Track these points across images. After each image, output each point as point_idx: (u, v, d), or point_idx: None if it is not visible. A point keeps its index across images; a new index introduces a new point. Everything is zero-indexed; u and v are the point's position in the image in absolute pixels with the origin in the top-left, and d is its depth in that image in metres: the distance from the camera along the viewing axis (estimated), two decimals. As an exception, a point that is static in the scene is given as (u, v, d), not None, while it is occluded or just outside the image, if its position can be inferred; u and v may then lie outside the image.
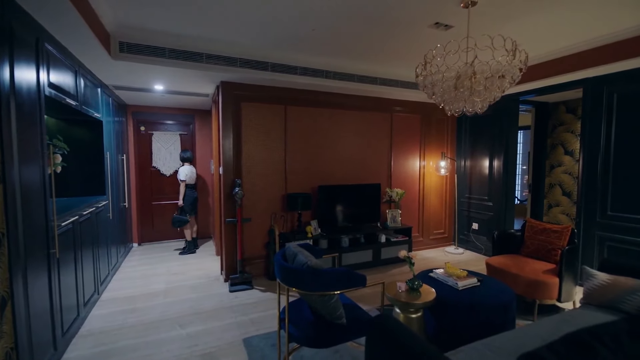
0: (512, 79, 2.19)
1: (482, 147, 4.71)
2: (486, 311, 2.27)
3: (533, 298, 2.81)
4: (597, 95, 3.38)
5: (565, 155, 4.97)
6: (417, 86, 4.18)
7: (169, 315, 2.87)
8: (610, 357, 0.89)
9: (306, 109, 4.04)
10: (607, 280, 2.12)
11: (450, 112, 2.46)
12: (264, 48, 3.25)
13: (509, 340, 1.74)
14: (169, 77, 3.44)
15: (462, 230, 5.04)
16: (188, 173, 4.65)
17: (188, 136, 5.52)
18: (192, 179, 4.77)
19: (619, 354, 0.90)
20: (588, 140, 3.48)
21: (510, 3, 2.33)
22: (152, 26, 2.73)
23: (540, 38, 3.01)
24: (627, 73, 3.12)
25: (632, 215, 3.14)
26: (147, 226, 5.34)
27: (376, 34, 2.90)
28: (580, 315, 1.98)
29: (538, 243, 3.16)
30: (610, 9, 2.45)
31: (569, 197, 4.96)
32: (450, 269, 2.65)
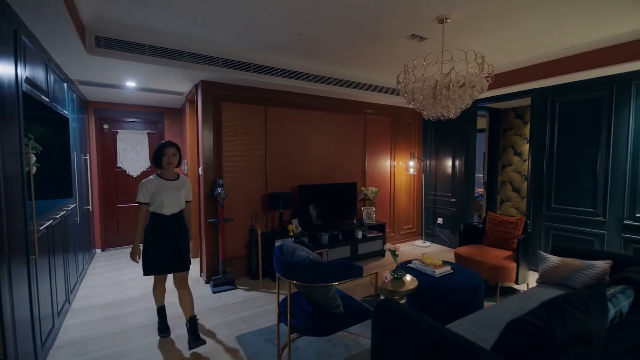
0: (481, 88, 2.49)
1: (445, 148, 5.14)
2: (461, 294, 2.55)
3: (495, 281, 3.18)
4: (543, 104, 3.89)
5: (515, 155, 5.60)
6: (388, 90, 4.48)
7: (153, 320, 2.79)
8: (580, 315, 1.13)
9: (286, 110, 4.12)
10: (558, 262, 2.51)
11: (428, 116, 2.71)
12: (247, 49, 3.27)
13: (485, 317, 2.01)
14: (145, 74, 3.32)
15: (428, 225, 5.44)
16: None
17: (157, 135, 5.30)
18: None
19: (587, 312, 1.14)
20: (535, 142, 3.99)
21: (478, 21, 2.64)
22: (131, 21, 2.64)
23: (501, 52, 3.40)
24: (567, 85, 3.65)
25: (571, 207, 3.68)
26: (112, 230, 5.02)
27: (356, 42, 3.08)
28: (539, 292, 2.32)
29: (497, 233, 3.57)
30: (556, 30, 2.87)
31: (518, 192, 5.59)
32: (427, 259, 2.92)
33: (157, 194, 2.36)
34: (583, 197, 3.58)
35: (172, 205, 2.43)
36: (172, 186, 2.44)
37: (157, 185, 2.37)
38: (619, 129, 3.29)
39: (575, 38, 3.04)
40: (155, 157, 2.44)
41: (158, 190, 2.36)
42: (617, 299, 1.40)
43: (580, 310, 1.15)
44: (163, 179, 2.42)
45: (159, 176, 2.43)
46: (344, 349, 2.36)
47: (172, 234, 2.44)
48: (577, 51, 3.25)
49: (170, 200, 2.40)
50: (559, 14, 2.53)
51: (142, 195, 2.36)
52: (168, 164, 2.43)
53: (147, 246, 2.41)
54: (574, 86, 3.59)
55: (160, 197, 2.36)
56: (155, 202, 2.36)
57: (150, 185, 2.36)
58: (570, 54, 3.30)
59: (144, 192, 2.36)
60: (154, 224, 2.40)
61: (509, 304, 2.21)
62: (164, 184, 2.40)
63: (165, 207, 2.39)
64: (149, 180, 2.39)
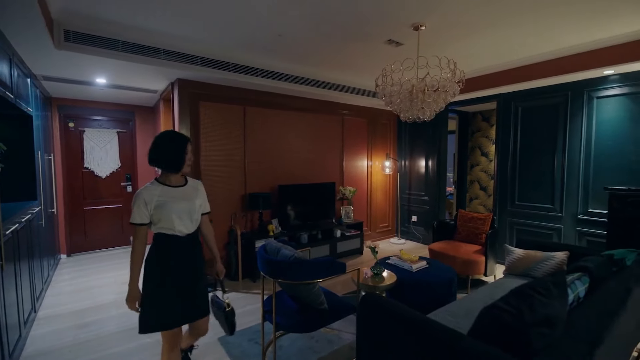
0: (453, 93, 2.65)
1: (419, 149, 5.37)
2: (436, 287, 2.70)
3: (467, 274, 3.38)
4: (507, 108, 4.18)
5: (482, 156, 5.94)
6: (365, 92, 4.60)
7: (129, 325, 2.70)
8: (545, 300, 1.26)
9: (265, 110, 4.12)
10: (522, 254, 2.72)
11: (405, 118, 2.84)
12: (227, 48, 3.24)
13: (460, 307, 2.15)
14: (118, 71, 3.19)
15: (403, 223, 5.65)
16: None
17: (127, 135, 5.08)
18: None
19: (550, 297, 1.28)
20: (501, 144, 4.27)
21: (449, 29, 2.80)
22: (104, 16, 2.53)
23: (471, 58, 3.61)
24: (528, 91, 3.94)
25: (532, 204, 3.99)
26: (78, 234, 4.76)
27: (335, 45, 3.15)
28: (506, 283, 2.51)
29: (468, 229, 3.80)
30: (515, 41, 3.10)
31: (485, 191, 5.94)
32: (404, 255, 3.05)
33: (163, 207, 1.62)
34: (543, 195, 3.89)
35: (186, 221, 1.69)
36: (182, 194, 1.71)
37: (160, 195, 1.64)
38: (573, 132, 3.61)
39: (532, 49, 3.30)
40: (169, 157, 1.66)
41: (163, 202, 1.63)
42: (575, 285, 1.56)
43: (545, 295, 1.28)
44: (167, 186, 1.69)
45: (161, 182, 1.68)
46: (327, 345, 2.42)
47: (189, 264, 1.71)
48: (535, 60, 3.53)
49: (183, 214, 1.68)
50: (516, 27, 2.74)
51: (140, 213, 1.59)
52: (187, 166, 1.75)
53: (153, 286, 1.63)
54: (534, 92, 3.89)
55: (167, 212, 1.62)
56: (162, 219, 1.62)
57: (150, 196, 1.61)
58: (529, 62, 3.58)
59: (142, 208, 1.59)
60: (161, 252, 1.65)
61: (479, 294, 2.38)
62: (171, 193, 1.68)
63: (178, 225, 1.66)
64: (147, 190, 1.63)
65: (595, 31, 2.84)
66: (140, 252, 1.63)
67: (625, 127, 3.26)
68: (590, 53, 3.15)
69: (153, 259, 1.66)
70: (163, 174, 1.72)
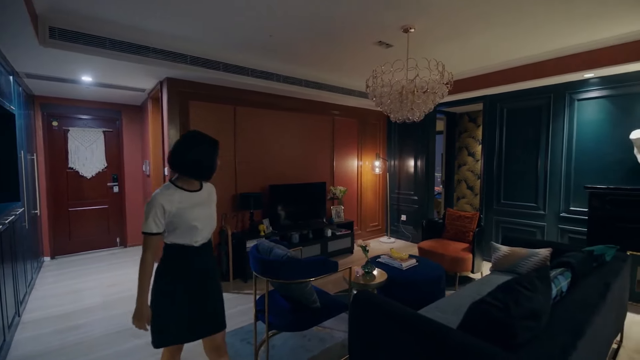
0: (442, 94, 2.71)
1: (408, 149, 5.45)
2: (425, 284, 2.76)
3: (455, 271, 3.46)
4: (493, 109, 4.29)
5: (469, 156, 6.08)
6: (355, 93, 4.65)
7: (117, 327, 2.66)
8: (530, 294, 1.32)
9: (256, 110, 4.11)
10: (508, 251, 2.80)
11: (395, 119, 2.89)
12: (217, 47, 3.23)
13: (449, 303, 2.20)
14: (104, 69, 3.13)
15: (393, 222, 5.72)
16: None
17: (114, 134, 4.98)
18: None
19: (535, 292, 1.33)
20: (487, 144, 4.38)
21: (437, 32, 2.86)
22: (91, 13, 2.48)
23: (458, 60, 3.69)
24: (513, 93, 4.06)
25: (517, 202, 4.10)
26: (63, 236, 4.64)
27: (326, 45, 3.18)
28: (493, 279, 2.59)
29: (456, 228, 3.88)
30: (498, 45, 3.19)
31: (472, 190, 6.08)
32: (394, 254, 3.10)
33: (183, 215, 1.48)
34: (527, 194, 4.01)
35: (207, 229, 1.58)
36: (199, 200, 1.57)
37: (180, 201, 1.49)
38: (556, 133, 3.74)
39: (516, 52, 3.41)
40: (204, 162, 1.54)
41: (183, 209, 1.48)
42: (558, 280, 1.63)
43: (530, 290, 1.34)
44: (186, 191, 1.53)
45: (177, 186, 1.52)
46: (319, 343, 2.44)
47: (206, 275, 1.59)
48: (519, 64, 3.64)
49: (204, 222, 1.55)
50: (501, 32, 2.82)
51: (156, 222, 1.43)
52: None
53: (166, 301, 1.49)
54: (519, 94, 4.01)
55: (186, 220, 1.48)
56: (180, 228, 1.48)
57: (169, 203, 1.45)
58: (514, 65, 3.69)
59: (159, 216, 1.43)
60: (176, 264, 1.52)
61: (467, 291, 2.44)
62: (191, 199, 1.53)
63: (197, 235, 1.52)
64: (165, 196, 1.46)
65: (576, 36, 2.95)
66: (151, 265, 1.46)
67: (604, 128, 3.40)
68: (571, 57, 3.27)
69: (167, 271, 1.51)
70: (180, 178, 1.54)
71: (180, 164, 1.51)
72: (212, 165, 1.57)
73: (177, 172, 1.54)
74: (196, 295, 1.55)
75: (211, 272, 1.63)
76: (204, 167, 1.54)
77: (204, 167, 1.54)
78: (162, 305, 1.49)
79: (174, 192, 1.50)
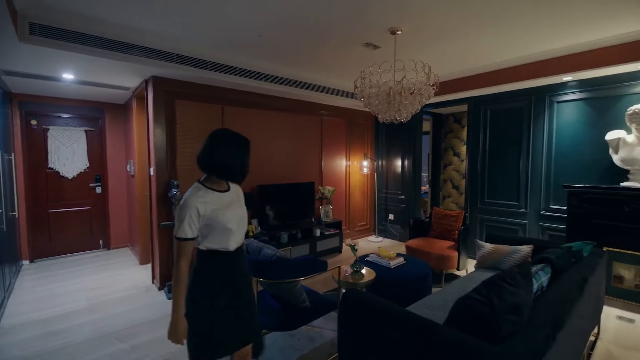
0: (428, 96, 2.76)
1: (395, 149, 5.52)
2: (413, 282, 2.81)
3: (441, 269, 3.53)
4: (477, 111, 4.40)
5: (454, 156, 6.21)
6: (343, 93, 4.68)
7: (103, 331, 2.60)
8: (512, 289, 1.37)
9: (244, 109, 4.08)
10: (491, 248, 2.89)
11: (382, 119, 2.92)
12: (205, 46, 3.19)
13: (435, 300, 2.26)
14: (87, 66, 3.05)
15: (381, 221, 5.79)
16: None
17: (96, 133, 4.85)
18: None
19: (517, 287, 1.38)
20: (472, 145, 4.49)
21: (423, 35, 2.91)
22: (74, 9, 2.42)
23: (444, 63, 3.76)
24: (496, 95, 4.17)
25: (500, 201, 4.22)
26: (42, 239, 4.48)
27: (314, 46, 3.19)
28: (477, 275, 2.66)
29: (442, 226, 3.96)
30: (481, 48, 3.28)
31: (457, 189, 6.21)
32: (382, 252, 3.14)
33: (217, 218, 1.38)
34: (509, 193, 4.13)
35: (240, 232, 1.50)
36: (230, 200, 1.48)
37: (213, 203, 1.40)
38: (536, 134, 3.87)
39: (499, 56, 3.51)
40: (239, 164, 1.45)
41: (217, 211, 1.39)
42: (539, 275, 1.70)
43: (512, 285, 1.39)
44: (217, 192, 1.44)
45: (209, 188, 1.43)
46: (309, 342, 2.45)
47: (241, 281, 1.52)
48: (501, 67, 3.75)
49: (238, 224, 1.46)
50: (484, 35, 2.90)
51: (191, 226, 1.34)
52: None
53: (202, 312, 1.39)
54: (502, 96, 4.13)
55: (220, 223, 1.39)
56: (213, 231, 1.39)
57: (203, 206, 1.36)
58: (496, 68, 3.80)
59: (194, 220, 1.34)
60: (211, 271, 1.43)
61: (453, 287, 2.50)
62: (222, 200, 1.44)
63: (230, 238, 1.43)
64: (198, 197, 1.37)
65: (555, 40, 3.06)
66: (186, 274, 1.36)
67: (582, 130, 3.54)
68: (551, 60, 3.39)
69: (200, 281, 1.41)
70: (209, 178, 1.45)
71: (210, 165, 1.41)
72: (244, 166, 1.47)
73: (206, 173, 1.45)
74: (232, 303, 1.45)
75: (246, 278, 1.55)
76: (235, 168, 1.43)
77: (236, 168, 1.44)
78: (198, 316, 1.39)
79: (205, 193, 1.40)
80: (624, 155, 3.07)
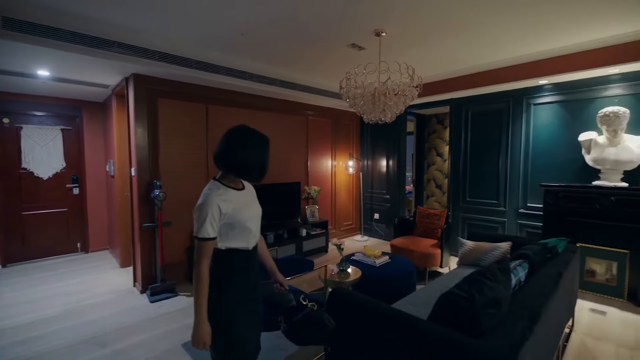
0: (412, 97, 2.82)
1: (380, 149, 5.59)
2: (398, 280, 2.86)
3: (425, 267, 3.61)
4: (459, 112, 4.52)
5: (437, 156, 6.35)
6: (329, 93, 4.70)
7: (82, 337, 2.51)
8: (492, 284, 1.42)
9: (229, 109, 4.04)
10: (473, 246, 2.97)
11: (368, 120, 2.96)
12: (189, 44, 3.14)
13: (420, 297, 2.30)
14: (65, 63, 2.94)
15: (366, 221, 5.84)
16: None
17: (73, 132, 4.68)
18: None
19: (497, 282, 1.44)
20: (454, 145, 4.60)
21: (407, 37, 2.97)
22: (52, 4, 2.33)
23: (427, 65, 3.84)
24: (476, 97, 4.30)
25: (481, 200, 4.35)
26: (16, 243, 4.28)
27: (300, 46, 3.19)
28: (459, 272, 2.73)
29: (425, 225, 4.04)
30: (462, 51, 3.38)
31: (440, 189, 6.35)
32: (368, 251, 3.18)
33: (236, 216, 1.34)
34: (489, 192, 4.27)
35: (256, 231, 1.47)
36: (247, 199, 1.45)
37: (233, 201, 1.35)
38: (515, 135, 4.01)
39: (479, 59, 3.62)
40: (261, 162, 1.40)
41: (236, 209, 1.35)
42: (517, 271, 1.76)
43: (492, 280, 1.44)
44: (235, 190, 1.40)
45: (227, 185, 1.38)
46: (296, 342, 2.45)
47: (258, 281, 1.52)
48: (481, 69, 3.86)
49: (253, 223, 1.43)
50: (465, 39, 2.99)
51: (212, 224, 1.28)
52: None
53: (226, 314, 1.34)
54: (482, 98, 4.26)
55: (241, 221, 1.35)
56: (234, 229, 1.35)
57: (224, 203, 1.31)
58: (477, 71, 3.91)
59: (215, 218, 1.29)
60: (232, 271, 1.38)
61: (436, 284, 2.56)
62: (241, 198, 1.40)
63: (250, 236, 1.41)
64: (219, 195, 1.31)
65: (532, 45, 3.18)
66: (207, 275, 1.29)
67: (557, 131, 3.69)
68: (528, 64, 3.52)
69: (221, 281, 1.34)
70: (226, 176, 1.39)
71: (230, 164, 1.35)
72: (264, 165, 1.41)
73: (223, 172, 1.39)
74: (253, 303, 1.43)
75: (258, 276, 1.53)
76: (256, 167, 1.38)
77: (256, 167, 1.38)
78: (222, 319, 1.33)
79: (225, 191, 1.34)
80: (596, 156, 3.23)
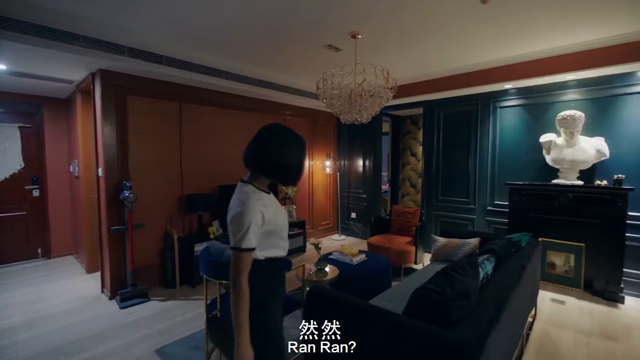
0: (387, 98, 2.89)
1: (357, 150, 5.68)
2: (374, 277, 2.92)
3: (400, 263, 3.71)
4: (432, 113, 4.68)
5: (411, 156, 6.53)
6: (306, 93, 4.71)
7: (46, 347, 2.36)
8: (462, 278, 1.49)
9: (203, 107, 3.94)
10: (444, 242, 3.10)
11: (344, 120, 3.00)
12: (160, 40, 3.03)
13: (395, 293, 2.37)
14: (24, 57, 2.75)
15: (343, 220, 5.91)
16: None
17: (33, 130, 4.38)
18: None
19: (466, 276, 1.51)
20: (427, 145, 4.76)
21: (382, 40, 3.04)
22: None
23: (401, 67, 3.95)
24: (448, 100, 4.48)
25: (452, 198, 4.54)
26: (-33, 249, 3.95)
27: (276, 45, 3.18)
28: (433, 268, 2.84)
29: (400, 223, 4.16)
30: (434, 55, 3.51)
31: (414, 188, 6.54)
32: (345, 250, 3.23)
33: (274, 222, 1.24)
34: (460, 190, 4.46)
35: (287, 237, 1.36)
36: (277, 201, 1.36)
37: (270, 205, 1.24)
38: (483, 136, 4.22)
39: (450, 63, 3.77)
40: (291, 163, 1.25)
41: (273, 214, 1.24)
42: (484, 265, 1.86)
43: (462, 274, 1.52)
44: (266, 193, 1.28)
45: (258, 188, 1.25)
46: (274, 342, 2.44)
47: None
48: (452, 73, 4.02)
49: (285, 229, 1.33)
50: (435, 44, 3.11)
51: (255, 234, 1.15)
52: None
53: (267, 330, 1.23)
54: (453, 100, 4.44)
55: (278, 227, 1.26)
56: (271, 236, 1.24)
57: (265, 208, 1.20)
58: (447, 74, 4.07)
59: (259, 226, 1.17)
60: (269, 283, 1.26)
61: (411, 281, 2.65)
62: (274, 201, 1.30)
63: (284, 243, 1.32)
64: (259, 201, 1.19)
65: (498, 51, 3.36)
66: (248, 290, 1.14)
67: (521, 132, 3.92)
68: (494, 69, 3.71)
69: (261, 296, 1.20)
70: (257, 179, 1.25)
71: (266, 166, 1.22)
72: (300, 167, 1.29)
73: (255, 173, 1.25)
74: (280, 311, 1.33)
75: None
76: (293, 169, 1.26)
77: (294, 169, 1.26)
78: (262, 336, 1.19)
79: (261, 195, 1.22)
80: (555, 156, 3.46)
